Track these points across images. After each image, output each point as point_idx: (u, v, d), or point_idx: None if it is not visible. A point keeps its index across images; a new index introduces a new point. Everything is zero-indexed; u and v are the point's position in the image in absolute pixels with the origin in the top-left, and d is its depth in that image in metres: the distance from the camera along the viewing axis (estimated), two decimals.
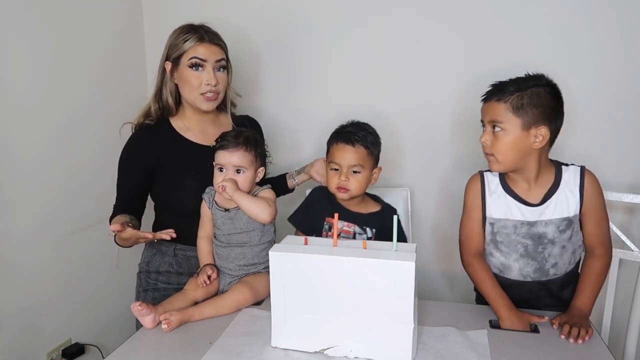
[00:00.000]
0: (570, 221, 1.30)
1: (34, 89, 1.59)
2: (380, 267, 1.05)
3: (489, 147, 1.28)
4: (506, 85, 1.26)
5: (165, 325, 1.20)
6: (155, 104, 1.53)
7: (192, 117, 1.54)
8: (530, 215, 1.31)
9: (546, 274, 1.33)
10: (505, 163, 1.27)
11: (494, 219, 1.34)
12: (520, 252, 1.32)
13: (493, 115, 1.26)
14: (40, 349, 1.67)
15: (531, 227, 1.30)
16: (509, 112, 1.23)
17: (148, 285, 1.54)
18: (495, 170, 1.31)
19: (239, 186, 1.34)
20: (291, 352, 1.13)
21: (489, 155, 1.29)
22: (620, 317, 1.56)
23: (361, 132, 1.41)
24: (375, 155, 1.43)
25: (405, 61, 1.82)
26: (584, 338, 1.17)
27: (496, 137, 1.26)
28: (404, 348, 1.07)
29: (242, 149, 1.35)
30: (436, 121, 1.84)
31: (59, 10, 1.65)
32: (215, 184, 1.37)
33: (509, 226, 1.32)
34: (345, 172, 1.39)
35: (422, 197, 1.89)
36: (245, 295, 1.32)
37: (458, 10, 1.75)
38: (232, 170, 1.35)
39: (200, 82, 1.45)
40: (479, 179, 1.37)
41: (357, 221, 1.44)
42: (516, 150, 1.25)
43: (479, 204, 1.36)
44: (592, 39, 1.67)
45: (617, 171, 1.70)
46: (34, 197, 1.60)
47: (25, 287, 1.60)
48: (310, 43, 1.90)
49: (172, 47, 1.47)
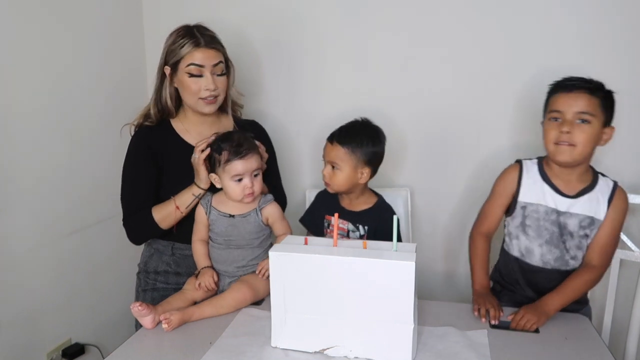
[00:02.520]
0: (593, 221, 1.34)
1: (34, 89, 1.59)
2: (380, 267, 1.05)
3: (567, 136, 1.28)
4: (591, 81, 1.32)
5: (165, 324, 1.20)
6: (155, 107, 1.52)
7: (193, 118, 1.54)
8: (561, 204, 1.35)
9: (566, 264, 1.37)
10: (583, 154, 1.30)
11: (526, 202, 1.39)
12: (545, 238, 1.37)
13: (583, 107, 1.28)
14: (40, 349, 1.66)
15: (559, 216, 1.35)
16: (599, 107, 1.28)
17: (147, 286, 1.54)
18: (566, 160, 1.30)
19: (256, 196, 1.36)
20: (291, 352, 1.13)
21: (568, 145, 1.29)
22: (620, 318, 1.56)
23: (348, 132, 1.44)
24: (361, 155, 1.42)
25: (408, 61, 1.82)
26: (521, 326, 1.23)
27: (582, 129, 1.28)
28: (404, 348, 1.07)
29: (252, 151, 1.35)
30: (436, 121, 1.84)
31: (59, 10, 1.65)
32: (236, 196, 1.35)
33: (540, 211, 1.37)
34: (326, 168, 1.46)
35: (422, 197, 1.89)
36: (244, 295, 1.32)
37: (459, 10, 1.75)
38: (249, 177, 1.34)
39: (200, 88, 1.44)
40: (517, 167, 1.42)
41: (349, 218, 1.47)
42: (593, 145, 1.30)
43: (512, 191, 1.41)
44: (590, 38, 1.68)
45: (617, 171, 1.70)
46: (34, 197, 1.60)
47: (25, 287, 1.60)
48: (311, 43, 1.89)
49: (170, 53, 1.46)
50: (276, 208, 1.41)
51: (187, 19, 1.50)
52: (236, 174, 1.33)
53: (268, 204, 1.40)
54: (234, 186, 1.35)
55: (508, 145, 1.77)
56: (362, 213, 1.47)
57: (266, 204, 1.40)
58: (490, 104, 1.78)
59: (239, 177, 1.34)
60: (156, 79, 1.52)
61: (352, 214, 1.48)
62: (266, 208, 1.39)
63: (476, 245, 1.46)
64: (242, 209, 1.38)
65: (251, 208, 1.39)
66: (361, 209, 1.48)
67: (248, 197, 1.35)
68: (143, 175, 1.48)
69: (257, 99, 1.95)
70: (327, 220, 1.52)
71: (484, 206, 1.48)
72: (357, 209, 1.48)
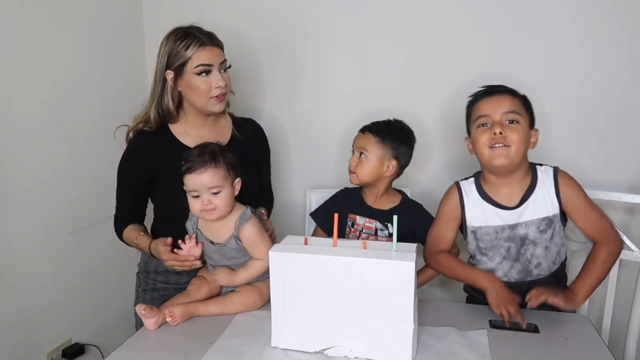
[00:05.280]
0: (551, 220, 1.30)
1: (34, 89, 1.59)
2: (380, 267, 1.05)
3: (502, 137, 1.25)
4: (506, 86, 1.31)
5: (169, 318, 1.21)
6: (155, 112, 1.49)
7: (194, 121, 1.52)
8: (509, 218, 1.31)
9: (530, 274, 1.34)
10: (518, 155, 1.26)
11: (474, 227, 1.35)
12: (503, 255, 1.33)
13: (508, 107, 1.27)
14: (40, 349, 1.67)
15: (512, 230, 1.31)
16: (522, 107, 1.29)
17: (147, 285, 1.54)
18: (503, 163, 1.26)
19: (219, 214, 1.25)
20: (291, 352, 1.13)
21: (503, 147, 1.25)
22: (620, 317, 1.56)
23: (382, 125, 1.48)
24: (391, 147, 1.46)
25: (407, 62, 1.82)
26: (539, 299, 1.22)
27: (513, 129, 1.26)
28: (404, 348, 1.07)
29: (210, 166, 1.24)
30: (437, 121, 1.84)
31: (58, 10, 1.65)
32: (194, 212, 1.28)
33: (490, 232, 1.33)
34: (354, 156, 1.48)
35: (422, 198, 1.88)
36: (254, 300, 1.31)
37: (457, 12, 1.75)
38: (207, 193, 1.24)
39: (210, 87, 1.43)
40: (456, 190, 1.38)
41: (378, 217, 1.48)
42: (525, 146, 1.27)
43: (457, 214, 1.37)
44: (593, 41, 1.67)
45: (617, 171, 1.70)
46: (34, 197, 1.60)
47: (25, 287, 1.60)
48: (309, 42, 1.89)
49: (173, 56, 1.43)
50: (251, 229, 1.28)
51: (188, 19, 1.50)
52: (190, 189, 1.25)
53: (244, 225, 1.28)
54: (192, 202, 1.26)
55: None
56: (392, 211, 1.47)
57: (242, 225, 1.28)
58: None
59: (194, 193, 1.25)
60: (155, 85, 1.48)
61: (380, 213, 1.49)
62: (242, 232, 1.28)
63: (441, 261, 1.38)
64: (221, 235, 1.30)
65: (229, 233, 1.29)
66: (389, 207, 1.50)
67: (207, 213, 1.25)
68: (133, 184, 1.50)
69: (254, 98, 1.95)
70: (352, 219, 1.51)
71: (433, 230, 1.40)
72: (384, 207, 1.50)
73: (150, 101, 1.50)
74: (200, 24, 1.47)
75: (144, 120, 1.51)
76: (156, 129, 1.50)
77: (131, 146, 1.50)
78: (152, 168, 1.48)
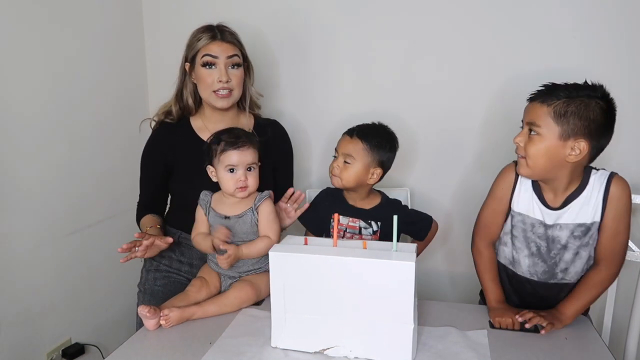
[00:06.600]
0: (588, 228, 1.25)
1: (33, 89, 1.59)
2: (380, 267, 1.05)
3: (521, 149, 1.22)
4: (556, 89, 1.19)
5: (163, 321, 1.21)
6: (176, 105, 1.56)
7: (211, 116, 1.56)
8: (548, 218, 1.27)
9: (555, 277, 1.31)
10: (534, 169, 1.22)
11: (515, 212, 1.32)
12: (532, 250, 1.31)
13: (532, 117, 1.20)
14: (40, 349, 1.67)
15: (547, 229, 1.28)
16: (549, 117, 1.17)
17: (151, 266, 1.56)
18: (522, 174, 1.26)
19: (249, 191, 1.34)
20: (291, 352, 1.13)
21: (520, 158, 1.25)
22: (620, 317, 1.56)
23: (370, 130, 1.46)
24: (377, 156, 1.44)
25: (417, 62, 1.82)
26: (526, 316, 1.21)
27: (531, 140, 1.20)
28: (404, 348, 1.07)
29: (252, 145, 1.35)
30: (438, 122, 1.84)
31: (58, 10, 1.65)
32: (228, 188, 1.34)
33: (527, 223, 1.30)
34: (338, 160, 1.46)
35: (423, 198, 1.89)
36: (247, 294, 1.32)
37: (463, 12, 1.75)
38: (243, 169, 1.33)
39: (213, 80, 1.46)
40: (513, 168, 1.31)
41: (361, 216, 1.48)
42: (547, 158, 1.19)
43: (508, 195, 1.32)
44: (590, 38, 1.67)
45: (617, 171, 1.70)
46: (34, 197, 1.60)
47: (25, 287, 1.60)
48: (323, 43, 1.88)
49: (189, 48, 1.50)
50: (268, 206, 1.36)
51: (187, 19, 1.51)
52: (229, 164, 1.32)
53: (263, 201, 1.36)
54: (227, 177, 1.33)
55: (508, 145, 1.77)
56: (374, 210, 1.50)
57: (261, 201, 1.36)
58: (491, 105, 1.78)
59: (231, 168, 1.33)
60: (178, 77, 1.55)
61: (364, 212, 1.49)
62: (261, 206, 1.36)
63: (483, 258, 1.37)
64: (238, 208, 1.36)
65: (247, 207, 1.36)
66: (372, 206, 1.50)
67: (240, 190, 1.33)
68: (152, 174, 1.57)
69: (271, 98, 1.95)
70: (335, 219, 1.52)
71: (485, 211, 1.37)
72: (367, 206, 1.50)
73: (174, 93, 1.57)
74: (227, 24, 1.52)
75: (167, 112, 1.57)
76: (177, 120, 1.56)
77: (152, 137, 1.57)
78: (169, 157, 1.53)
